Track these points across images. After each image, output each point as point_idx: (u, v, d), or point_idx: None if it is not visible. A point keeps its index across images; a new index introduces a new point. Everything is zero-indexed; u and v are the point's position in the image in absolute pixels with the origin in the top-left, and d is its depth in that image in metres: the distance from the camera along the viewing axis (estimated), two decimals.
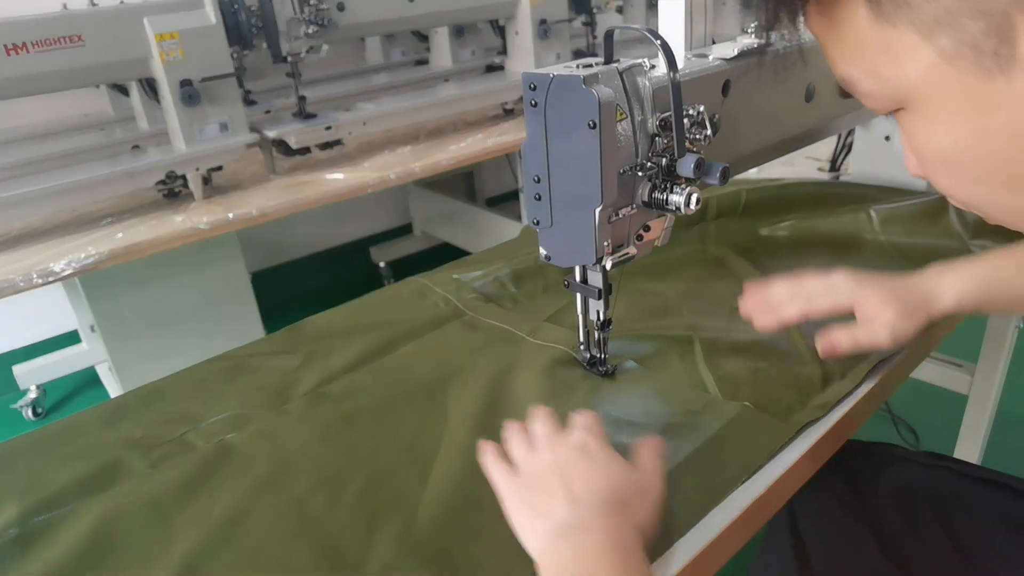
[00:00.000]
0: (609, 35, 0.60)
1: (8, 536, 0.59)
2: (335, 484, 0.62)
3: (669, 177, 0.63)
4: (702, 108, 0.62)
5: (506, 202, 3.13)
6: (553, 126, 0.60)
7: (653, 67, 0.64)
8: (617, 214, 0.63)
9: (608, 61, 0.61)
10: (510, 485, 0.56)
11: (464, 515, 0.57)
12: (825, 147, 1.33)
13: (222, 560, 0.55)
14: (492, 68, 2.33)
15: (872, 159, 1.14)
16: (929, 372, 1.40)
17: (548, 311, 0.88)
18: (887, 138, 1.10)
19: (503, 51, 2.32)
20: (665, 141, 0.62)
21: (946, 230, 0.94)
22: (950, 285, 0.68)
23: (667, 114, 0.61)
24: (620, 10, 2.81)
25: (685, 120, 0.61)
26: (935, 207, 0.96)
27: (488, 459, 0.59)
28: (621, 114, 0.59)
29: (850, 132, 1.21)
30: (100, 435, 0.72)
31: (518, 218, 2.47)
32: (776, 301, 0.73)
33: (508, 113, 2.09)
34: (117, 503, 0.61)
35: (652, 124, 0.62)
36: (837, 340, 0.69)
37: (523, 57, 2.04)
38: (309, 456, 0.65)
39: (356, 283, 2.18)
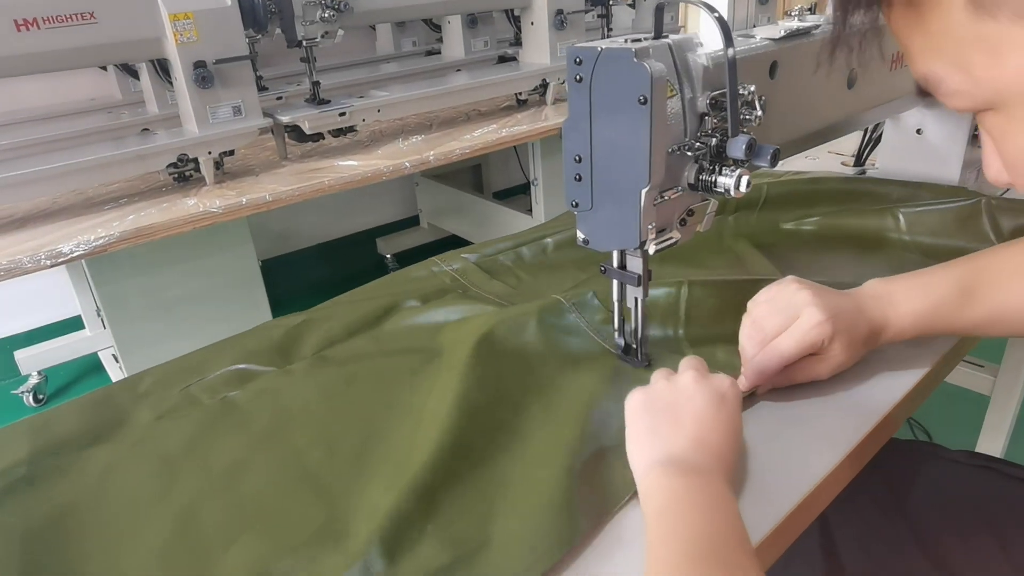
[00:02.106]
0: (660, 8, 0.58)
1: (18, 475, 0.61)
2: (333, 439, 0.63)
3: (717, 159, 0.60)
4: (753, 88, 0.60)
5: (513, 196, 3.11)
6: (599, 102, 0.58)
7: (700, 44, 0.62)
8: (662, 196, 0.60)
9: (658, 36, 0.58)
10: (640, 399, 0.56)
11: (450, 460, 0.57)
12: (849, 141, 1.30)
13: (220, 505, 0.57)
14: (504, 59, 2.31)
15: (902, 154, 1.11)
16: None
17: (552, 291, 0.86)
18: (919, 131, 1.08)
19: (516, 42, 2.30)
20: (715, 121, 0.60)
21: (978, 236, 0.91)
22: (896, 323, 0.64)
23: (718, 92, 0.59)
24: (633, 5, 2.79)
25: None
26: (968, 212, 0.92)
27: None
28: (671, 90, 0.57)
29: (877, 125, 1.19)
30: (110, 387, 0.74)
31: (527, 211, 2.44)
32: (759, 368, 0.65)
33: (522, 104, 2.07)
34: (124, 450, 0.64)
35: (702, 102, 0.59)
36: (780, 381, 0.65)
37: (538, 48, 2.01)
38: (309, 413, 0.67)
39: (362, 274, 2.15)
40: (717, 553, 0.44)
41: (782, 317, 0.62)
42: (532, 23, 1.99)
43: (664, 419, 0.54)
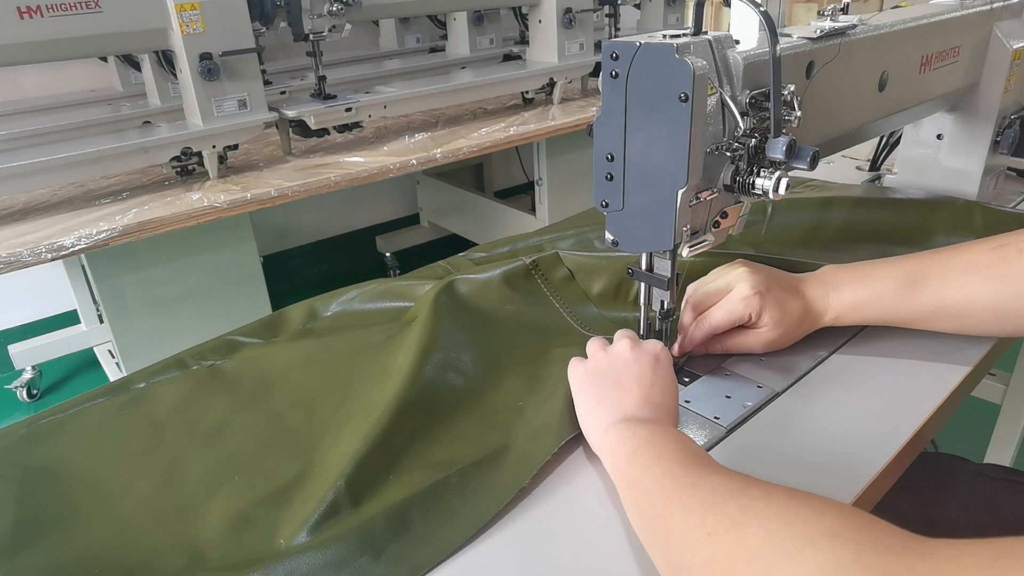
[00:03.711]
0: (700, 4, 0.56)
1: (18, 434, 0.65)
2: (312, 401, 0.67)
3: (755, 160, 0.59)
4: (792, 88, 0.58)
5: (514, 195, 3.09)
6: (636, 99, 0.56)
7: (738, 42, 0.60)
8: (698, 197, 0.59)
9: (697, 32, 0.56)
10: (582, 371, 0.60)
11: (415, 417, 0.62)
12: (864, 145, 1.28)
13: (204, 460, 0.61)
14: (508, 57, 2.29)
15: (920, 160, 1.09)
16: None
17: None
18: (939, 136, 1.06)
19: (521, 40, 2.28)
20: (754, 121, 0.58)
21: None
22: (836, 307, 0.67)
23: (758, 91, 0.57)
24: (638, 6, 2.77)
25: None
26: None
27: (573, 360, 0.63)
28: (712, 89, 0.55)
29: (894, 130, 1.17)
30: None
31: (529, 211, 2.42)
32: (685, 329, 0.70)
33: (528, 103, 2.05)
34: (116, 410, 0.68)
35: (741, 101, 0.57)
36: (715, 348, 0.70)
37: (546, 46, 1.99)
38: (290, 379, 0.71)
39: (362, 272, 2.12)
40: (704, 459, 0.47)
41: (718, 291, 0.67)
42: (540, 21, 1.98)
43: (609, 386, 0.57)
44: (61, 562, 0.51)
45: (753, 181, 0.58)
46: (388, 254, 2.85)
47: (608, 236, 0.64)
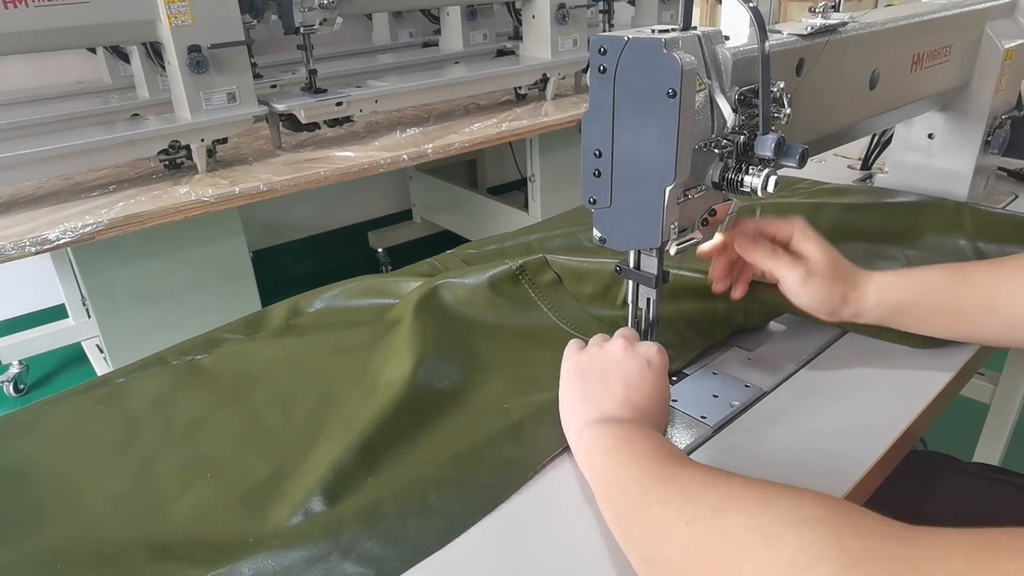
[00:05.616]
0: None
1: None
2: (290, 400, 0.66)
3: (743, 157, 0.58)
4: (782, 84, 0.58)
5: (508, 192, 3.08)
6: (624, 94, 0.55)
7: (727, 38, 0.60)
8: (686, 195, 0.58)
9: (686, 27, 0.56)
10: (573, 364, 0.60)
11: (395, 419, 0.61)
12: (855, 143, 1.28)
13: (177, 459, 0.60)
14: (502, 53, 2.28)
15: (912, 160, 1.09)
16: None
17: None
18: (930, 136, 1.06)
19: (515, 36, 2.27)
20: (743, 118, 0.58)
21: None
22: (880, 278, 0.63)
23: (747, 88, 0.57)
24: (632, 2, 2.76)
25: None
26: None
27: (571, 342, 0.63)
28: (700, 85, 0.55)
29: (886, 129, 1.17)
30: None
31: (523, 207, 2.41)
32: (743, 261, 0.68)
33: (521, 98, 2.04)
34: (90, 405, 0.67)
35: (730, 98, 0.57)
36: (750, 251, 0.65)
37: (539, 41, 1.98)
38: (270, 377, 0.70)
39: (353, 268, 2.11)
40: (681, 456, 0.46)
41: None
42: (533, 16, 1.97)
43: (595, 384, 0.57)
44: (25, 559, 0.50)
45: (741, 178, 0.58)
46: (380, 250, 2.83)
47: (596, 233, 0.63)
